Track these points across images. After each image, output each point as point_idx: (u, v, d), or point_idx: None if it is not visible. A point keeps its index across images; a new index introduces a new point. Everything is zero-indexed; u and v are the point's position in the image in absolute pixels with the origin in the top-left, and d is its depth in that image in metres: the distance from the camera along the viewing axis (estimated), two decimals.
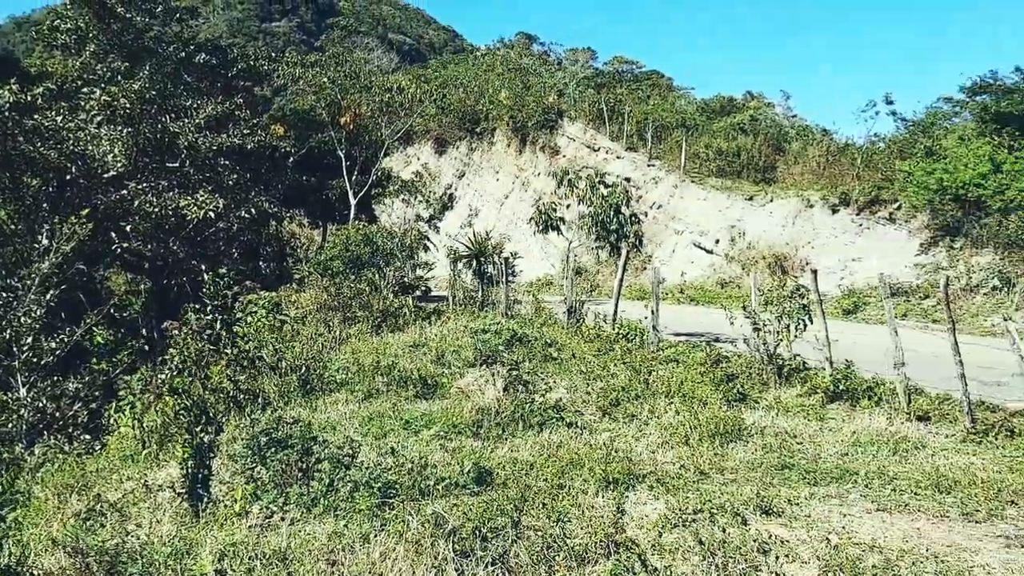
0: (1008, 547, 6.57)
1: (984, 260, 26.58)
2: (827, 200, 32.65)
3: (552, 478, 8.03)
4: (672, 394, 12.01)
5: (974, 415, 10.97)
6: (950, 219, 27.67)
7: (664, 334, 18.27)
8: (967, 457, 9.46)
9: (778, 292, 14.47)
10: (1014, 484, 8.23)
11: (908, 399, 11.60)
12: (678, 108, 49.04)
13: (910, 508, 7.53)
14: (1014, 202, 25.33)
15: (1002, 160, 26.32)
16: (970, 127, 30.56)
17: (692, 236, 37.42)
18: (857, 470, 8.73)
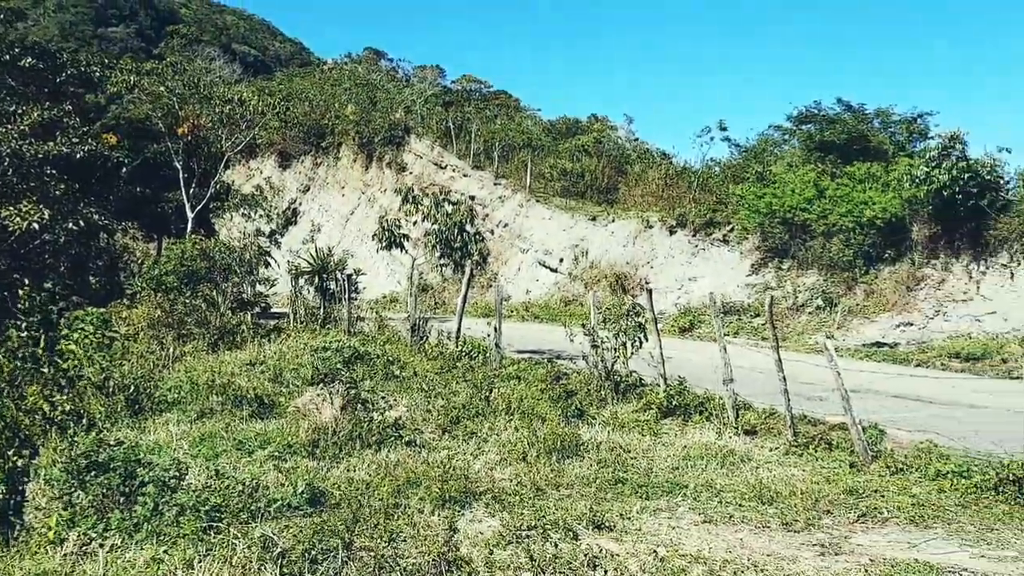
0: (823, 555, 6.88)
1: (809, 280, 27.99)
2: (665, 221, 33.74)
3: (388, 497, 7.94)
4: (512, 411, 12.10)
5: (796, 429, 11.50)
6: (778, 241, 29.03)
7: (507, 351, 18.42)
8: (789, 469, 9.89)
9: (616, 310, 14.81)
10: (830, 494, 8.66)
11: (736, 414, 12.04)
12: (525, 128, 49.76)
13: (734, 519, 7.80)
14: (836, 226, 26.81)
15: (825, 186, 27.86)
16: (797, 154, 32.25)
17: (537, 255, 37.95)
18: (687, 483, 9.00)
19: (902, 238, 26.37)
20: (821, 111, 31.60)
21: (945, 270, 25.42)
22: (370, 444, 10.13)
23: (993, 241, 24.42)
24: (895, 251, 26.49)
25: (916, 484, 9.30)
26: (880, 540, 7.34)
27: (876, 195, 26.65)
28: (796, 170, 29.77)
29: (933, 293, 25.28)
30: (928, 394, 16.74)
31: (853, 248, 26.57)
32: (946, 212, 24.81)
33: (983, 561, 6.84)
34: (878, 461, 10.27)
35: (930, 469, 9.68)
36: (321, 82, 62.64)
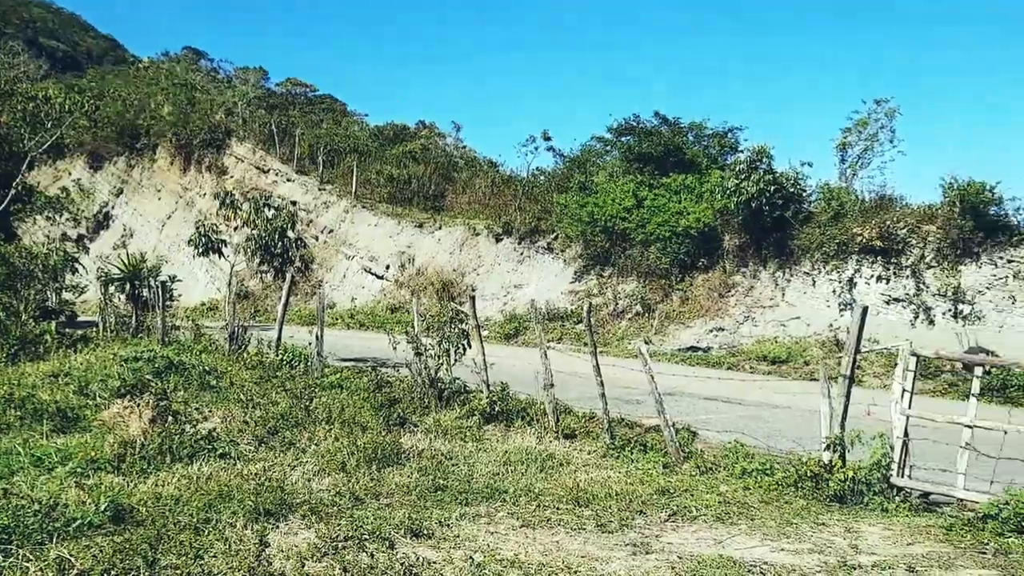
0: (634, 554, 7.07)
1: (629, 287, 28.86)
2: (492, 229, 34.08)
3: (198, 512, 7.62)
4: (333, 420, 11.89)
5: (613, 432, 11.81)
6: (600, 249, 29.81)
7: (330, 359, 18.13)
8: (605, 471, 10.14)
9: (439, 318, 14.81)
10: (644, 495, 8.93)
11: (557, 418, 12.26)
12: (351, 133, 49.15)
13: (552, 522, 7.92)
14: (654, 235, 27.78)
15: (644, 196, 28.82)
16: (617, 165, 33.21)
17: (363, 261, 37.58)
18: (507, 488, 9.07)
19: (715, 247, 27.60)
20: (640, 124, 32.69)
21: (754, 277, 26.75)
22: (181, 457, 9.72)
23: (797, 250, 25.88)
24: (708, 259, 27.69)
25: (723, 482, 9.72)
26: (689, 538, 7.61)
27: (691, 205, 27.79)
28: (617, 180, 30.67)
29: (743, 299, 26.55)
30: (738, 396, 17.53)
31: (670, 256, 27.60)
32: (754, 222, 26.12)
33: (782, 554, 7.19)
34: (689, 461, 10.68)
35: (736, 468, 10.15)
36: (136, 81, 60.00)
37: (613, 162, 34.23)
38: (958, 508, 8.88)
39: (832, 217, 25.81)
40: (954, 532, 7.92)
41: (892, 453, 9.32)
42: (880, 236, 24.35)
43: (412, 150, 43.32)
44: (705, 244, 27.60)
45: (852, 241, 24.92)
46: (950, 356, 14.98)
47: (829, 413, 9.66)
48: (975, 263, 23.08)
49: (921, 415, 9.56)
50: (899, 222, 24.63)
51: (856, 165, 28.48)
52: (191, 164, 47.29)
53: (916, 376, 9.68)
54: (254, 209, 20.29)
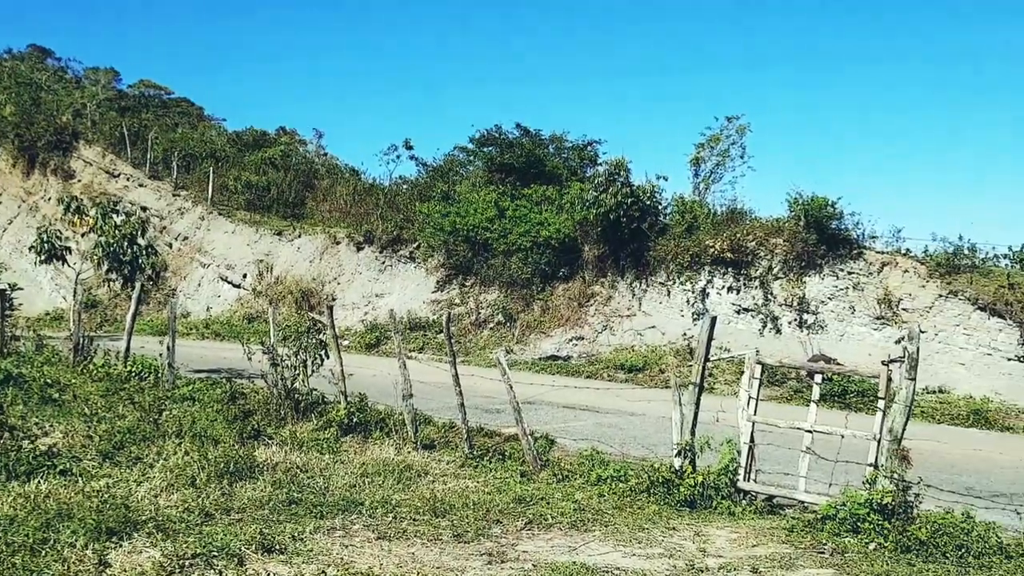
0: (490, 563, 7.10)
1: (491, 297, 29.03)
2: (353, 238, 33.72)
3: (35, 532, 7.25)
4: (184, 434, 11.50)
5: (472, 441, 11.85)
6: (462, 259, 29.87)
7: (183, 371, 17.57)
8: (464, 481, 10.15)
9: (296, 327, 14.55)
10: (501, 504, 8.98)
11: (416, 429, 12.19)
12: (208, 138, 47.69)
13: (408, 534, 7.87)
14: (515, 245, 28.04)
15: (506, 207, 29.07)
16: (480, 175, 33.38)
17: (220, 269, 36.56)
18: (363, 500, 8.97)
19: (575, 257, 28.06)
20: (501, 135, 32.95)
21: (612, 287, 27.33)
22: (18, 475, 9.20)
23: (653, 261, 26.58)
24: (569, 269, 28.13)
25: (579, 490, 9.88)
26: (544, 546, 7.70)
27: (551, 217, 28.18)
28: (479, 190, 30.83)
29: (602, 309, 27.08)
30: (596, 404, 17.89)
31: (531, 266, 27.91)
32: (613, 234, 26.69)
33: (634, 559, 7.37)
34: (547, 469, 10.81)
35: (592, 475, 10.33)
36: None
37: (476, 172, 34.39)
38: (800, 510, 9.27)
39: (686, 229, 26.64)
40: (795, 533, 8.28)
41: (739, 458, 9.67)
42: (731, 248, 25.28)
43: (272, 156, 42.33)
44: (565, 255, 28.04)
45: (705, 253, 25.77)
46: (792, 364, 15.69)
47: (680, 420, 9.95)
48: (818, 275, 24.23)
49: (766, 421, 9.95)
50: (748, 235, 25.61)
51: (709, 180, 29.49)
52: (35, 167, 44.99)
53: (762, 383, 10.08)
54: (101, 215, 19.45)
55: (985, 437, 17.55)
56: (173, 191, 40.58)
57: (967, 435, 17.62)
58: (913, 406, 18.74)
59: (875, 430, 8.93)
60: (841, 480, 9.08)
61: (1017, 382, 20.52)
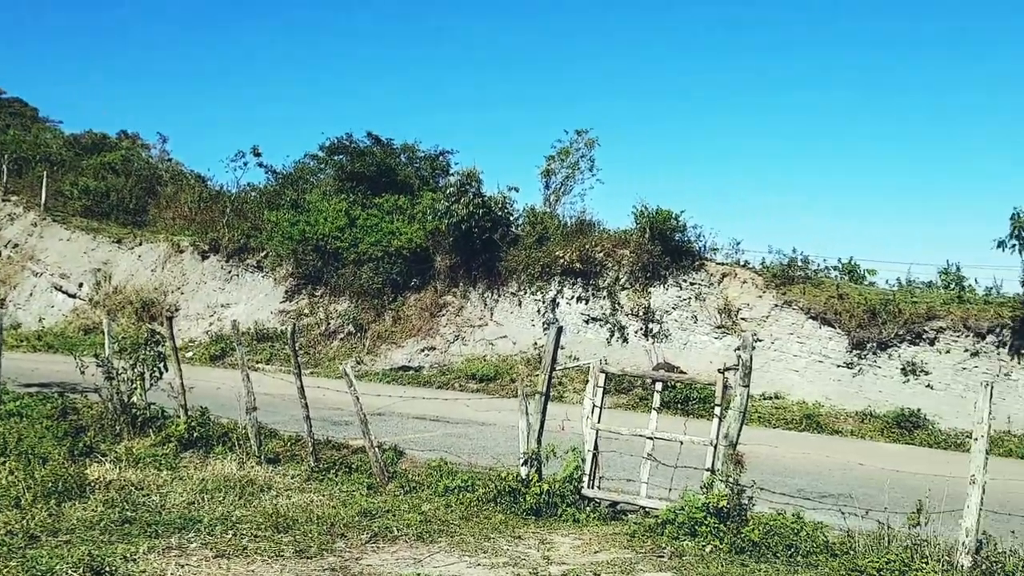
0: None
1: (341, 307, 28.64)
2: (198, 246, 32.70)
3: None
4: (8, 452, 10.86)
5: (318, 454, 11.64)
6: (312, 268, 29.39)
7: (10, 385, 16.59)
8: (308, 495, 9.95)
9: (133, 339, 13.97)
10: (346, 517, 8.84)
11: (260, 443, 11.89)
12: (42, 141, 45.32)
13: (248, 551, 7.64)
14: (367, 254, 27.78)
15: (357, 216, 28.79)
16: (330, 183, 32.92)
17: (54, 278, 34.72)
18: (201, 518, 8.66)
19: (427, 267, 28.02)
20: (352, 143, 32.59)
21: (464, 297, 27.40)
22: None
23: (504, 271, 26.81)
24: (421, 279, 28.07)
25: (427, 501, 9.83)
26: (389, 559, 7.62)
27: (403, 226, 28.08)
28: (329, 199, 30.40)
29: (454, 319, 27.11)
30: (446, 414, 17.87)
31: (382, 276, 27.70)
32: (465, 244, 26.79)
33: (479, 569, 7.38)
34: (394, 481, 10.71)
35: (440, 486, 10.30)
36: None
37: (326, 180, 33.88)
38: (641, 515, 9.49)
39: (537, 240, 27.01)
40: (636, 538, 8.47)
41: (584, 466, 9.83)
42: (580, 259, 25.78)
43: (112, 161, 40.53)
44: (417, 264, 27.96)
45: (555, 263, 26.19)
46: (634, 373, 16.08)
47: (527, 429, 10.04)
48: (663, 285, 24.97)
49: (609, 428, 10.15)
50: (597, 246, 26.18)
51: (559, 191, 29.99)
52: None
53: (608, 392, 10.30)
54: None
55: (816, 440, 18.44)
56: (2, 196, 38.37)
57: (800, 439, 18.47)
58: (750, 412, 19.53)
59: (712, 436, 9.24)
60: (682, 485, 9.34)
61: (845, 387, 21.66)
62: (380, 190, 30.36)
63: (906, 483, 10.71)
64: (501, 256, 26.88)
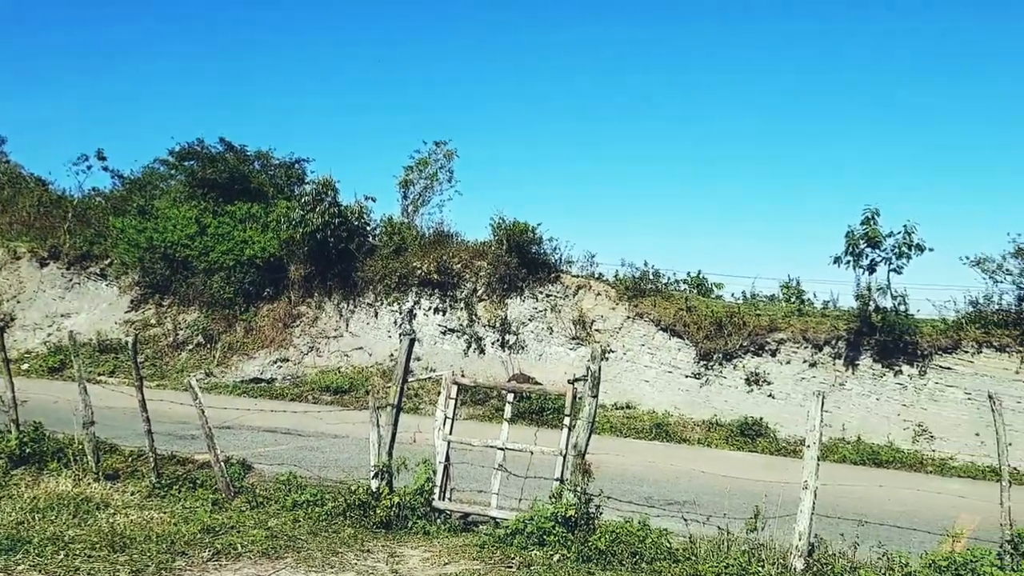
0: None
1: (191, 317, 27.80)
2: (36, 253, 31.17)
3: None
4: None
5: (161, 469, 11.21)
6: (160, 277, 28.42)
7: None
8: (149, 512, 9.56)
9: None
10: (188, 534, 8.53)
11: (98, 458, 11.38)
12: None
13: (80, 572, 7.29)
14: (218, 263, 27.04)
15: (208, 223, 27.99)
16: (180, 190, 31.91)
17: None
18: (31, 538, 8.20)
19: (281, 277, 27.50)
20: (204, 149, 31.68)
21: (319, 308, 27.01)
22: None
23: (361, 282, 26.57)
24: (274, 289, 27.52)
25: (274, 516, 9.59)
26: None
27: (256, 235, 27.47)
28: (180, 206, 29.48)
29: (308, 330, 26.67)
30: (299, 427, 17.54)
31: (234, 285, 27.03)
32: (320, 254, 26.42)
33: None
34: (241, 496, 10.42)
35: (288, 500, 10.07)
36: None
37: (176, 187, 32.81)
38: (492, 526, 9.50)
39: (394, 251, 26.89)
40: (486, 549, 8.49)
41: (435, 478, 9.79)
42: (438, 270, 25.79)
43: None
44: (271, 274, 27.41)
45: (412, 274, 26.13)
46: (486, 384, 16.14)
47: (378, 441, 9.95)
48: (520, 297, 25.23)
49: (461, 440, 10.16)
50: (455, 257, 26.26)
51: (417, 202, 29.90)
52: None
53: (463, 403, 10.31)
54: None
55: (665, 449, 18.95)
56: None
57: (650, 447, 18.94)
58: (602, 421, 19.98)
59: (561, 446, 9.36)
60: (533, 495, 9.43)
61: (693, 397, 22.36)
62: (233, 197, 29.60)
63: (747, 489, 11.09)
64: (357, 266, 26.63)
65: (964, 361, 20.46)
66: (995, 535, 8.01)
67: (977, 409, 19.34)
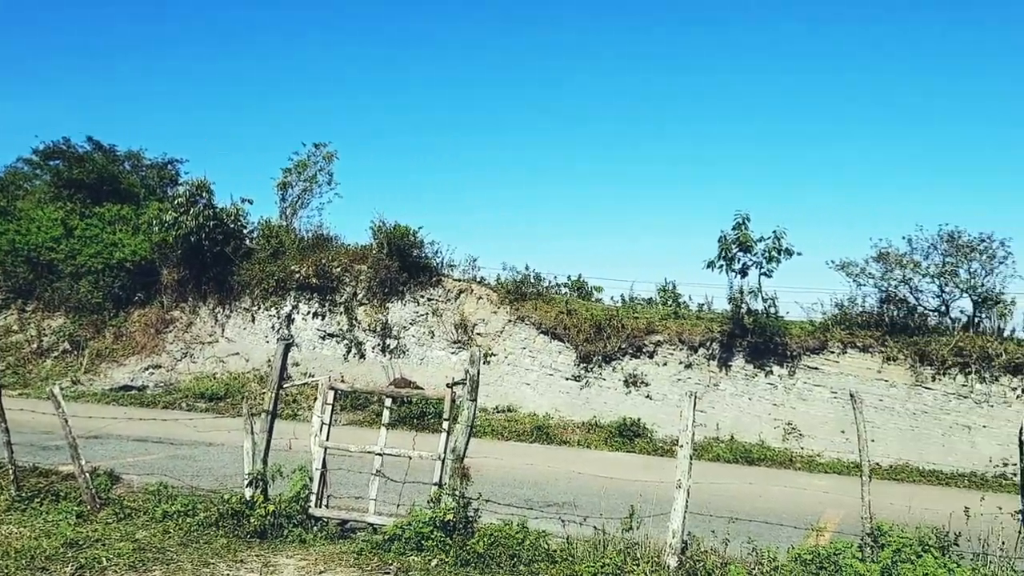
0: None
1: (56, 323, 26.68)
2: None
3: None
4: None
5: (21, 482, 10.70)
6: (23, 281, 27.17)
7: None
8: (8, 527, 9.12)
9: None
10: (48, 550, 8.17)
11: None
12: None
13: None
14: (85, 267, 26.03)
15: (75, 225, 26.92)
16: (46, 190, 30.66)
17: None
18: None
19: (153, 281, 26.66)
20: (71, 148, 30.50)
21: (193, 313, 26.28)
22: None
23: (237, 286, 25.97)
24: (146, 294, 26.66)
25: (142, 528, 9.26)
26: None
27: (126, 237, 26.57)
28: (44, 207, 28.27)
29: (182, 335, 25.92)
30: (171, 435, 17.03)
31: (103, 290, 26.08)
32: (194, 257, 25.72)
33: None
34: (107, 508, 10.02)
35: (158, 511, 9.74)
36: None
37: (41, 187, 31.47)
38: (370, 532, 9.40)
39: (272, 254, 26.38)
40: (363, 556, 8.39)
41: (311, 485, 9.62)
42: (317, 274, 25.42)
43: None
44: (142, 278, 26.53)
45: (291, 278, 25.68)
46: (364, 389, 15.99)
47: (252, 449, 9.73)
48: (401, 301, 25.08)
49: (338, 446, 10.01)
50: (334, 261, 25.92)
51: (296, 204, 29.43)
52: None
53: (342, 408, 10.18)
54: None
55: (545, 451, 19.09)
56: None
57: (531, 450, 19.06)
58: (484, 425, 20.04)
59: (440, 450, 9.33)
60: (412, 500, 9.36)
61: (573, 399, 22.62)
62: (102, 199, 28.56)
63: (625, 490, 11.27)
64: (234, 270, 26.03)
65: (830, 361, 21.28)
66: (857, 528, 8.34)
67: (842, 407, 20.13)
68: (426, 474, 9.69)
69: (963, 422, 19.45)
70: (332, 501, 10.13)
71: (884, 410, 20.01)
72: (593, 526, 8.61)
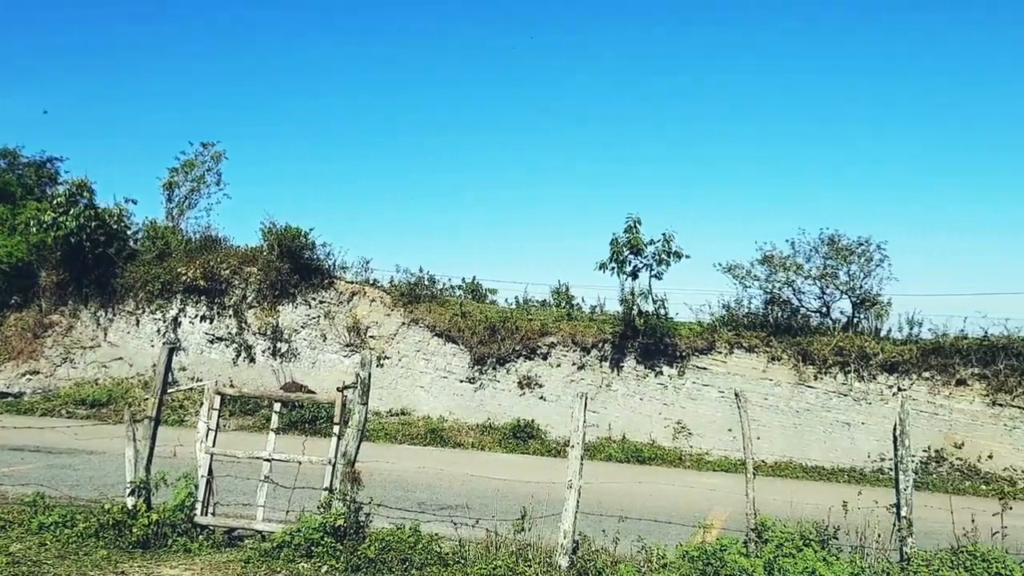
0: None
1: None
2: None
3: None
4: None
5: None
6: None
7: None
8: None
9: None
10: None
11: None
12: None
13: None
14: None
15: None
16: None
17: None
18: None
19: (30, 283, 25.63)
20: None
21: (74, 317, 25.36)
22: None
23: (120, 289, 25.17)
24: (23, 297, 25.62)
25: (17, 541, 8.89)
26: None
27: (2, 239, 25.48)
28: None
29: (61, 340, 24.99)
30: (49, 444, 16.44)
31: None
32: (75, 259, 24.84)
33: None
34: None
35: (34, 523, 9.36)
36: None
37: None
38: (259, 540, 9.22)
39: (157, 256, 25.67)
40: (251, 564, 8.23)
41: (197, 492, 9.39)
42: (205, 276, 24.82)
43: None
44: (19, 280, 25.47)
45: (177, 280, 25.01)
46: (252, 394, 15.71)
47: (134, 456, 9.44)
48: (292, 303, 24.68)
49: (225, 452, 9.80)
50: (223, 263, 25.35)
51: (183, 205, 28.73)
52: None
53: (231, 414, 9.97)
54: None
55: (439, 454, 19.05)
56: None
57: (425, 453, 18.99)
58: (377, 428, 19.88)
59: (330, 454, 9.21)
60: (302, 506, 9.22)
61: (467, 401, 22.64)
62: None
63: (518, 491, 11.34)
64: (117, 272, 25.21)
65: (718, 361, 21.80)
66: (743, 524, 8.57)
67: (730, 406, 20.61)
68: (317, 479, 9.56)
69: (843, 419, 20.17)
70: (219, 509, 9.91)
71: (769, 409, 20.61)
72: (486, 528, 8.63)
